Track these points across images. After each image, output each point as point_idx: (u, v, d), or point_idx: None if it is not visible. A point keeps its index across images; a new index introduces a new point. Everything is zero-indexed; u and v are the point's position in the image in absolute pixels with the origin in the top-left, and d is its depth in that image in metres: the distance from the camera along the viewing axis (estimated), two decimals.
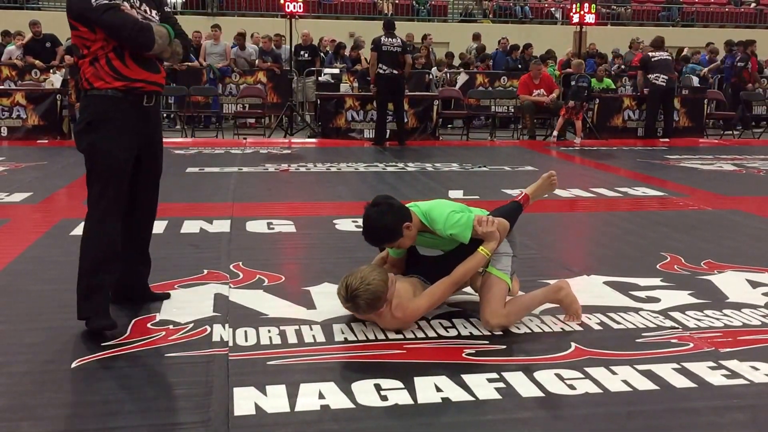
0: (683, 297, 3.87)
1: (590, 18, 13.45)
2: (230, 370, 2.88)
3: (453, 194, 6.76)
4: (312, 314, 3.53)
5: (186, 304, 3.63)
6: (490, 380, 2.82)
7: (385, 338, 3.23)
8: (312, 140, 11.96)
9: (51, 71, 12.72)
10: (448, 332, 3.32)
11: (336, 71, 13.03)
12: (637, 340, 3.26)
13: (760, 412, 2.63)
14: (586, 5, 13.25)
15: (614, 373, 2.89)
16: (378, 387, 2.74)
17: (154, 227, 3.73)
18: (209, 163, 8.92)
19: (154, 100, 3.43)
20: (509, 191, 7.05)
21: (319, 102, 12.36)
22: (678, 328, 3.41)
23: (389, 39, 10.76)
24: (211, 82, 13.23)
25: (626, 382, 2.82)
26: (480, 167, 8.90)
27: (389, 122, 11.35)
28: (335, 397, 2.66)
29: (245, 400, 2.63)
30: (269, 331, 3.29)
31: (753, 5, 23.92)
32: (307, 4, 13.95)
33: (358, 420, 2.52)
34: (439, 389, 2.73)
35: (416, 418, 2.54)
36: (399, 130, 11.26)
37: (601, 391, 2.75)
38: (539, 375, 2.87)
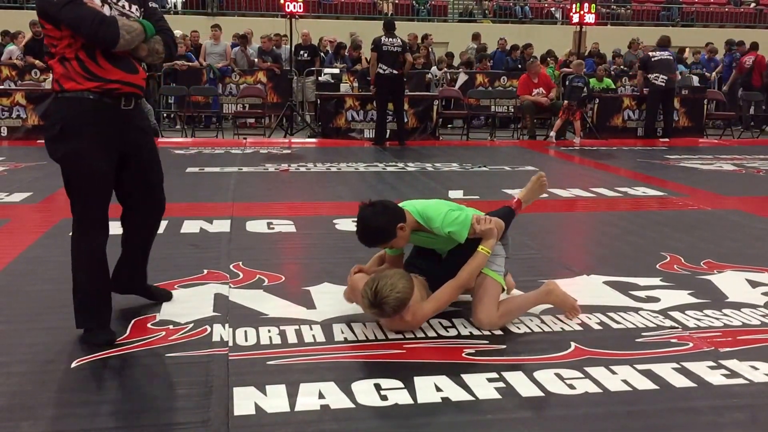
0: (683, 297, 3.87)
1: (590, 18, 13.44)
2: (230, 370, 2.88)
3: (453, 194, 6.76)
4: (312, 314, 3.53)
5: (186, 304, 3.63)
6: (490, 380, 2.82)
7: (385, 338, 3.23)
8: (312, 140, 11.97)
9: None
10: (448, 332, 3.32)
11: (336, 71, 13.04)
12: (637, 340, 3.26)
13: (760, 412, 2.63)
14: (586, 5, 13.24)
15: (614, 373, 2.89)
16: (378, 387, 2.74)
17: None
18: (209, 163, 8.92)
19: (134, 103, 3.17)
20: (509, 191, 7.05)
21: (319, 102, 12.37)
22: (678, 328, 3.41)
23: (389, 39, 10.76)
24: (211, 82, 13.24)
25: (626, 382, 2.82)
26: (480, 167, 8.90)
27: (389, 122, 11.35)
28: (335, 397, 2.66)
29: (245, 400, 2.63)
30: (269, 331, 3.29)
31: (753, 5, 23.93)
32: (307, 4, 13.95)
33: (358, 420, 2.53)
34: (439, 389, 2.73)
35: (416, 418, 2.54)
36: (399, 130, 11.26)
37: (601, 391, 2.75)
38: (539, 375, 2.87)
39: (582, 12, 13.31)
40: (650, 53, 12.40)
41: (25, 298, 3.75)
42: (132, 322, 3.37)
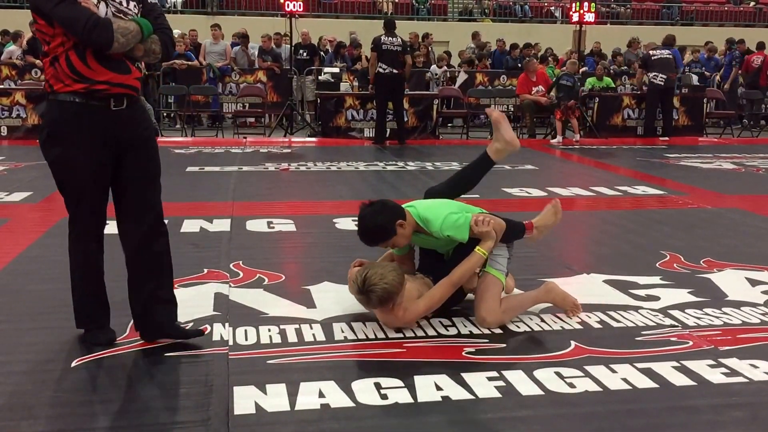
0: (683, 295, 3.87)
1: (590, 17, 13.43)
2: (230, 369, 2.88)
3: None
4: (312, 313, 3.53)
5: (186, 304, 3.62)
6: (490, 379, 2.82)
7: (385, 337, 3.23)
8: (312, 139, 11.97)
9: None
10: (448, 331, 3.32)
11: (336, 70, 13.03)
12: (637, 339, 3.26)
13: (760, 410, 2.63)
14: (586, 4, 13.24)
15: (614, 372, 2.89)
16: (378, 386, 2.74)
17: None
18: (209, 163, 8.93)
19: (126, 103, 2.99)
20: (509, 190, 7.07)
21: (319, 101, 12.37)
22: (677, 327, 3.41)
23: (389, 38, 10.75)
24: (211, 82, 13.23)
25: (626, 381, 2.82)
26: None
27: (389, 121, 11.35)
28: (335, 396, 2.66)
29: (245, 399, 2.63)
30: (269, 330, 3.30)
31: (752, 4, 23.93)
32: (307, 3, 13.94)
33: (358, 419, 2.53)
34: (439, 388, 2.73)
35: (416, 417, 2.54)
36: (399, 129, 11.26)
37: (601, 390, 2.75)
38: (539, 373, 2.87)
39: (582, 11, 13.31)
40: (650, 52, 12.39)
41: (26, 298, 3.75)
42: (131, 322, 3.36)
